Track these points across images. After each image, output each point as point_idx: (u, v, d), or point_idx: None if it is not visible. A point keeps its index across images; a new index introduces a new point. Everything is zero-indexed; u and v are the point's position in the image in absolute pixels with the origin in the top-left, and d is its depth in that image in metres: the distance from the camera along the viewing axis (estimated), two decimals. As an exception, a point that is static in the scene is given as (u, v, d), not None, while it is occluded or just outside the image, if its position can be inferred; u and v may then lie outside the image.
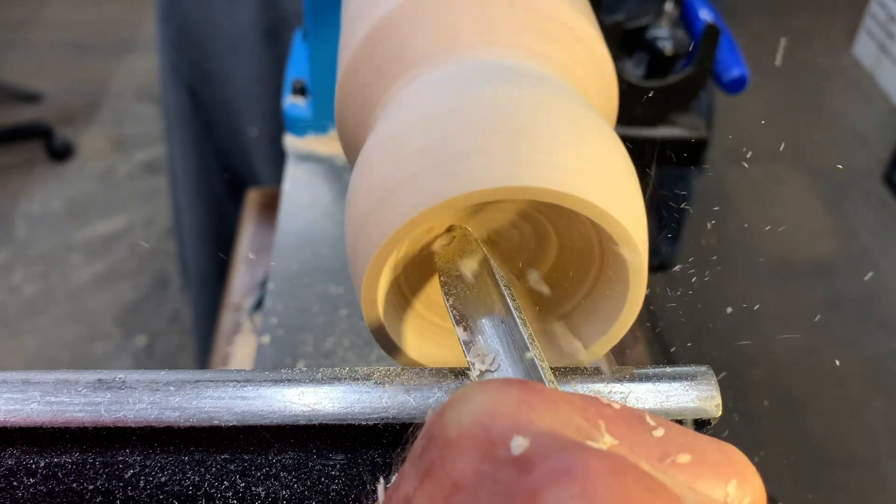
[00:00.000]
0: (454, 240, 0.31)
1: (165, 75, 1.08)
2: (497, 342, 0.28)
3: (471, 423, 0.19)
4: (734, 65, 0.62)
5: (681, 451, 0.21)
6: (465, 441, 0.19)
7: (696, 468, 0.21)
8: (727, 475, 0.21)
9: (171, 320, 1.77)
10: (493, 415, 0.19)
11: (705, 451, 0.21)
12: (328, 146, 0.79)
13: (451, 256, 0.31)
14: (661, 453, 0.21)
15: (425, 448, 0.20)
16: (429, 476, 0.19)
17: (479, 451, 0.19)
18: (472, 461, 0.19)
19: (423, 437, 0.21)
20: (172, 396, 0.27)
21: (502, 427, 0.19)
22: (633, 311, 0.29)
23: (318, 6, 0.70)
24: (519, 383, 0.21)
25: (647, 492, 0.17)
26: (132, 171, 2.15)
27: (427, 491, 0.19)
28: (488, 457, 0.19)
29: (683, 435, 0.22)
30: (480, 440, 0.19)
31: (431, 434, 0.20)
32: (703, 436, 0.22)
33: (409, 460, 0.21)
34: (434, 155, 0.26)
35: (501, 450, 0.19)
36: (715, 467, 0.21)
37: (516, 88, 0.29)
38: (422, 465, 0.20)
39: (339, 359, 0.59)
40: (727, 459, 0.21)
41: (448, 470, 0.19)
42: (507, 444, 0.19)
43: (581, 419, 0.20)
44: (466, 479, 0.19)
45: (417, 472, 0.20)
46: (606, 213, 0.26)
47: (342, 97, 0.35)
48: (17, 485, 0.26)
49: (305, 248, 0.68)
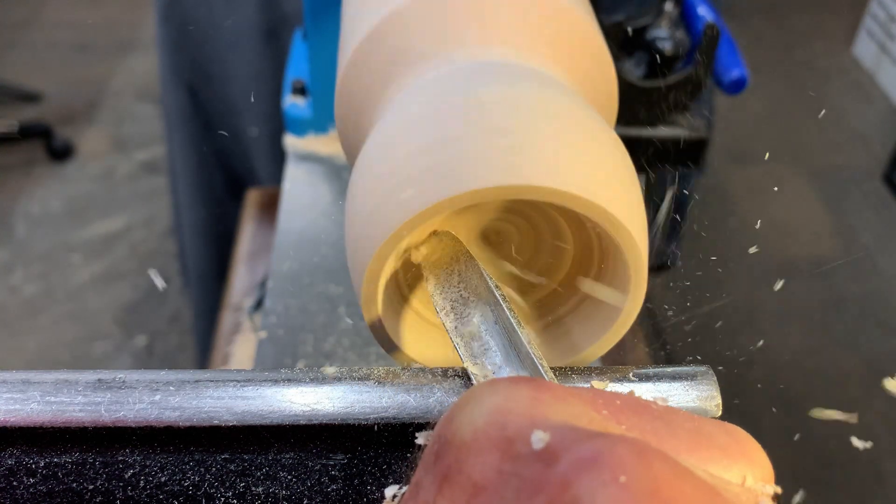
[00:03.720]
0: (439, 245, 0.31)
1: (165, 75, 1.08)
2: (494, 344, 0.28)
3: (485, 423, 0.19)
4: (734, 65, 0.62)
5: (690, 436, 0.21)
6: (481, 441, 0.19)
7: (706, 452, 0.21)
8: (736, 456, 0.21)
9: (171, 320, 1.77)
10: (507, 413, 0.19)
11: (713, 435, 0.21)
12: (328, 146, 0.79)
13: (437, 263, 0.31)
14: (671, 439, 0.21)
15: (439, 454, 0.20)
16: (447, 481, 0.19)
17: (498, 450, 0.19)
18: (491, 460, 0.19)
19: (435, 443, 0.20)
20: (172, 396, 0.27)
21: (518, 424, 0.19)
22: (634, 311, 0.29)
23: (318, 6, 0.70)
24: (528, 381, 0.21)
25: (676, 475, 0.17)
26: (132, 171, 2.15)
27: (447, 497, 0.19)
28: (509, 454, 0.19)
29: (690, 420, 0.22)
30: (497, 439, 0.19)
31: (444, 439, 0.20)
32: (708, 419, 0.22)
33: (423, 468, 0.21)
34: (434, 154, 0.26)
35: (521, 446, 0.18)
36: (724, 449, 0.21)
37: (516, 88, 0.29)
38: (438, 471, 0.20)
39: (339, 359, 0.59)
40: (735, 441, 0.22)
41: (468, 473, 0.19)
42: (527, 440, 0.18)
43: (592, 411, 0.20)
44: (488, 480, 0.18)
45: (434, 479, 0.20)
46: (606, 212, 0.26)
47: (342, 97, 0.35)
48: (17, 485, 0.26)
49: (305, 248, 0.68)
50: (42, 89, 2.35)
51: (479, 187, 0.25)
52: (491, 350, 0.28)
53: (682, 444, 0.21)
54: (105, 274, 1.86)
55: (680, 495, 0.16)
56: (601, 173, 0.27)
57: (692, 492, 0.17)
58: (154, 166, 2.13)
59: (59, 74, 2.45)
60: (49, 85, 2.38)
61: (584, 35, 0.34)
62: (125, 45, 2.57)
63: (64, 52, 2.55)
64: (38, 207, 2.03)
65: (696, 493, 0.17)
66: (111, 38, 2.61)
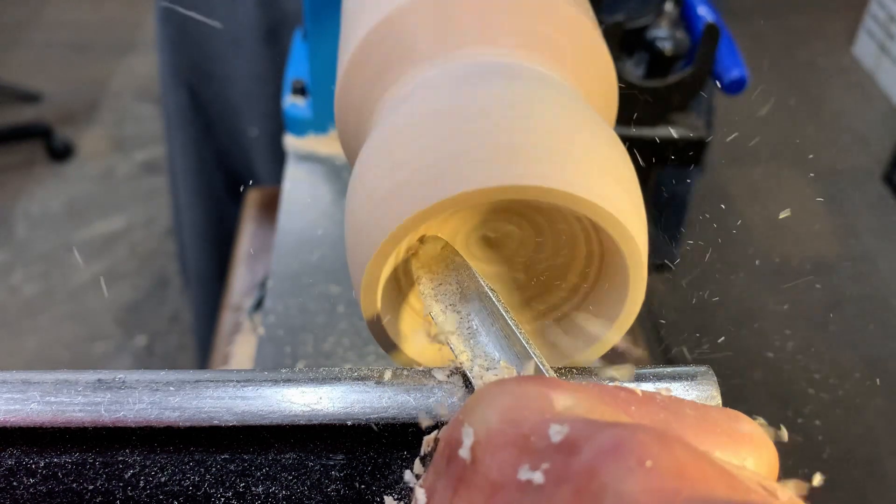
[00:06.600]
0: (429, 249, 0.31)
1: (165, 75, 1.08)
2: (492, 345, 0.28)
3: (499, 421, 0.19)
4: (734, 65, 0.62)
5: (696, 424, 0.21)
6: (496, 440, 0.19)
7: (713, 438, 0.21)
8: (741, 441, 0.21)
9: (171, 320, 1.77)
10: (519, 410, 0.19)
11: (718, 421, 0.22)
12: (328, 146, 0.79)
13: (428, 267, 0.31)
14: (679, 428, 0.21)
15: (451, 457, 0.20)
16: (463, 482, 0.19)
17: (515, 447, 0.19)
18: (508, 458, 0.19)
19: (446, 447, 0.20)
20: (172, 396, 0.26)
21: (533, 420, 0.19)
22: (633, 311, 0.29)
23: (318, 6, 0.70)
24: (536, 379, 0.21)
25: (696, 459, 0.17)
26: (132, 171, 2.15)
27: (464, 498, 0.19)
28: (526, 450, 0.19)
29: (694, 408, 0.22)
30: (514, 436, 0.19)
31: (456, 442, 0.20)
32: (712, 406, 0.23)
33: (434, 473, 0.21)
34: (434, 155, 0.26)
35: (539, 440, 0.18)
36: (729, 435, 0.21)
37: (516, 88, 0.29)
38: (451, 474, 0.20)
39: (338, 359, 0.59)
40: (738, 426, 0.22)
41: (484, 472, 0.19)
42: (545, 434, 0.18)
43: (602, 405, 0.20)
44: (507, 477, 0.18)
45: (449, 482, 0.20)
46: (606, 212, 0.26)
47: (342, 97, 0.35)
48: (17, 485, 0.26)
49: (305, 248, 0.68)
50: (42, 89, 2.35)
51: (479, 187, 0.25)
52: (490, 351, 0.28)
53: (689, 432, 0.21)
54: (105, 274, 1.86)
55: (703, 476, 0.17)
56: (601, 173, 0.27)
57: (713, 474, 0.17)
58: (154, 166, 2.13)
59: (59, 74, 2.44)
60: (49, 85, 2.38)
61: (584, 35, 0.34)
62: (125, 45, 2.57)
63: (64, 52, 2.55)
64: (38, 207, 2.03)
65: (716, 476, 0.17)
66: (111, 38, 2.61)
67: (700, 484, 0.16)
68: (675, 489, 0.16)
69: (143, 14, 2.59)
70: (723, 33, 0.60)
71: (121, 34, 2.61)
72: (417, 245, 0.31)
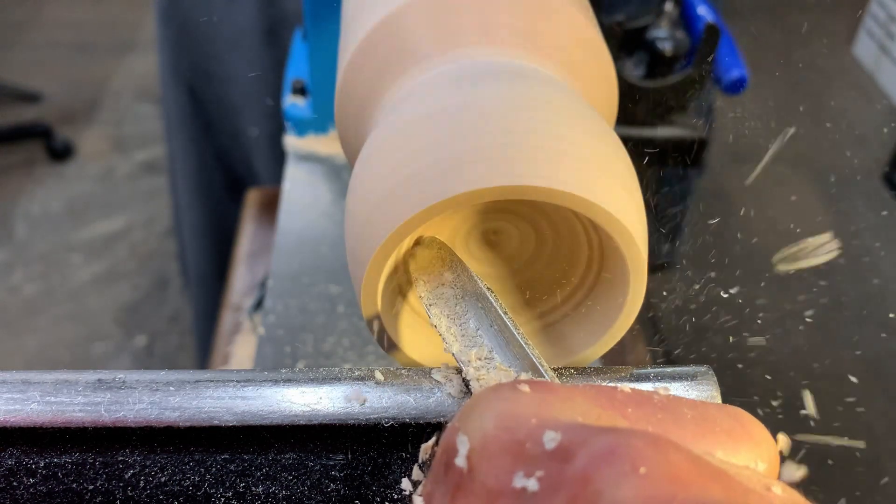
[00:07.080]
0: (427, 251, 0.31)
1: (165, 75, 1.08)
2: (491, 346, 0.28)
3: (494, 427, 0.19)
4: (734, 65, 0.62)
5: (695, 423, 0.21)
6: (491, 447, 0.19)
7: (712, 437, 0.21)
8: (741, 439, 0.21)
9: (171, 320, 1.77)
10: (514, 416, 0.19)
11: (717, 419, 0.22)
12: (328, 146, 0.79)
13: (425, 269, 0.31)
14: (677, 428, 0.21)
15: (448, 464, 0.20)
16: (460, 490, 0.19)
17: (510, 454, 0.19)
18: (504, 465, 0.19)
19: (443, 454, 0.20)
20: (172, 396, 0.26)
21: (528, 426, 0.19)
22: (633, 311, 0.29)
23: (318, 6, 0.70)
24: (531, 383, 0.21)
25: (691, 463, 0.17)
26: (132, 171, 2.15)
27: None
28: (521, 457, 0.18)
29: (693, 407, 0.22)
30: (508, 443, 0.19)
31: (453, 448, 0.20)
32: (710, 403, 0.22)
33: (432, 481, 0.21)
34: (433, 155, 0.26)
35: (533, 447, 0.18)
36: (729, 433, 0.21)
37: (516, 89, 0.29)
38: (449, 481, 0.20)
39: (338, 359, 0.59)
40: (739, 424, 0.22)
41: (481, 480, 0.19)
42: (539, 441, 0.18)
43: (597, 408, 0.20)
44: (503, 484, 0.18)
45: (447, 489, 0.20)
46: (606, 212, 0.26)
47: (342, 97, 0.35)
48: (17, 485, 0.26)
49: (305, 248, 0.68)
50: (42, 89, 2.35)
51: (478, 187, 0.25)
52: (487, 352, 0.28)
53: (688, 433, 0.21)
54: (105, 274, 1.86)
55: (698, 481, 0.17)
56: (601, 173, 0.27)
57: (708, 477, 0.17)
58: (154, 166, 2.13)
59: (59, 74, 2.44)
60: (49, 85, 2.38)
61: (584, 35, 0.34)
62: (125, 45, 2.57)
63: (64, 52, 2.55)
64: (38, 207, 2.03)
65: (712, 479, 0.17)
66: (111, 38, 2.61)
67: (695, 488, 0.16)
68: (669, 494, 0.16)
69: (143, 14, 2.58)
70: (723, 33, 0.60)
71: (121, 34, 2.61)
72: (414, 248, 0.31)
